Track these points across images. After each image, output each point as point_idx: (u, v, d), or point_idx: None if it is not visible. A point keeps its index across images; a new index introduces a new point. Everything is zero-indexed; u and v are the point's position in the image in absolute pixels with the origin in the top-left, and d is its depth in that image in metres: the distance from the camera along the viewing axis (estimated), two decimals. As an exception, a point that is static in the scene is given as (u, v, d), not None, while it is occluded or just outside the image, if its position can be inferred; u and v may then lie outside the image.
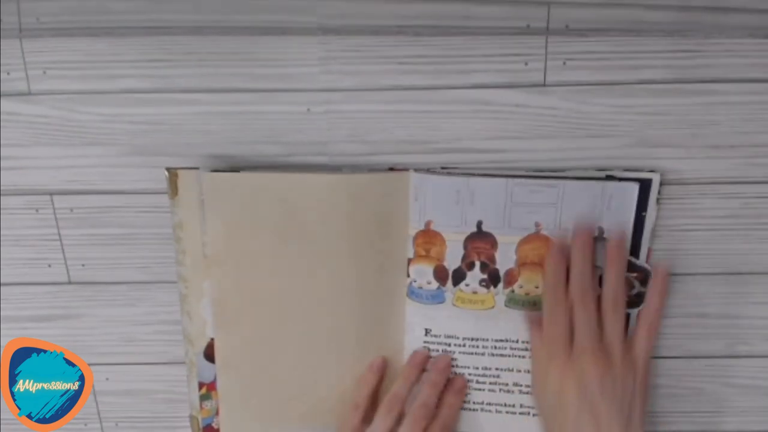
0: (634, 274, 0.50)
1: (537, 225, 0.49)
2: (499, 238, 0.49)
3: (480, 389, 0.53)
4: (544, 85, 0.47)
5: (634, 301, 0.50)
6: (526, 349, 0.51)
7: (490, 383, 0.53)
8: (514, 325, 0.51)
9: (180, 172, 0.47)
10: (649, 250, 0.50)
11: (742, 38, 0.46)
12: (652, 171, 0.48)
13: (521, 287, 0.50)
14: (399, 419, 0.49)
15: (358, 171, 0.49)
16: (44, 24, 0.47)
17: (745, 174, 0.49)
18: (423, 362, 0.52)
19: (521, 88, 0.47)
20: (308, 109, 0.48)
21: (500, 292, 0.51)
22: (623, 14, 0.46)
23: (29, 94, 0.48)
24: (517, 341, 0.52)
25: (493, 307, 0.51)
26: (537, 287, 0.50)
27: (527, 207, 0.48)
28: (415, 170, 0.49)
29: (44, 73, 0.48)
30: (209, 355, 0.52)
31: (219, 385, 0.52)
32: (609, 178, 0.48)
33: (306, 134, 0.49)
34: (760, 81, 0.47)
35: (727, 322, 0.53)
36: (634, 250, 0.49)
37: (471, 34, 0.46)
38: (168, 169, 0.47)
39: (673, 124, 0.48)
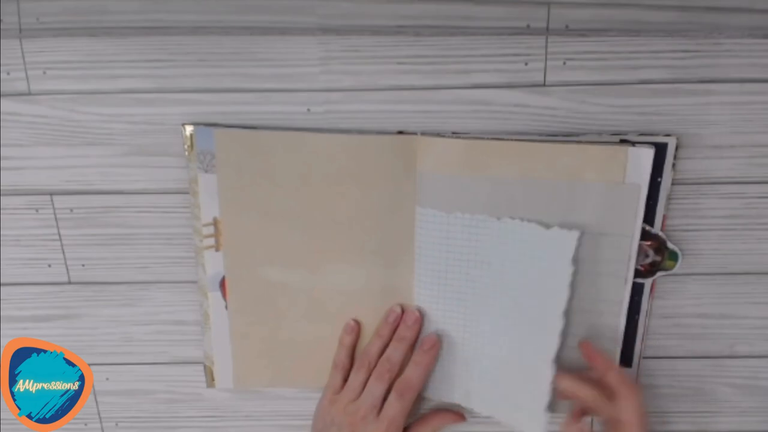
0: (648, 243, 0.49)
1: None
2: None
3: None
4: (544, 85, 0.47)
5: (648, 270, 0.50)
6: None
7: None
8: None
9: (197, 128, 0.48)
10: (664, 216, 0.49)
11: (741, 38, 0.46)
12: (667, 135, 0.47)
13: None
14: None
15: (366, 133, 0.48)
16: (44, 24, 0.47)
17: (745, 174, 0.49)
18: (397, 320, 0.52)
19: (521, 88, 0.47)
20: (308, 109, 0.48)
21: None
22: (623, 14, 0.46)
23: (29, 94, 0.48)
24: None
25: None
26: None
27: None
28: (422, 134, 0.48)
29: (44, 73, 0.48)
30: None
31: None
32: (623, 142, 0.47)
33: (306, 134, 0.49)
34: (760, 81, 0.46)
35: (727, 322, 0.53)
36: (649, 216, 0.48)
37: (471, 34, 0.46)
38: (184, 125, 0.48)
39: (673, 125, 0.48)
